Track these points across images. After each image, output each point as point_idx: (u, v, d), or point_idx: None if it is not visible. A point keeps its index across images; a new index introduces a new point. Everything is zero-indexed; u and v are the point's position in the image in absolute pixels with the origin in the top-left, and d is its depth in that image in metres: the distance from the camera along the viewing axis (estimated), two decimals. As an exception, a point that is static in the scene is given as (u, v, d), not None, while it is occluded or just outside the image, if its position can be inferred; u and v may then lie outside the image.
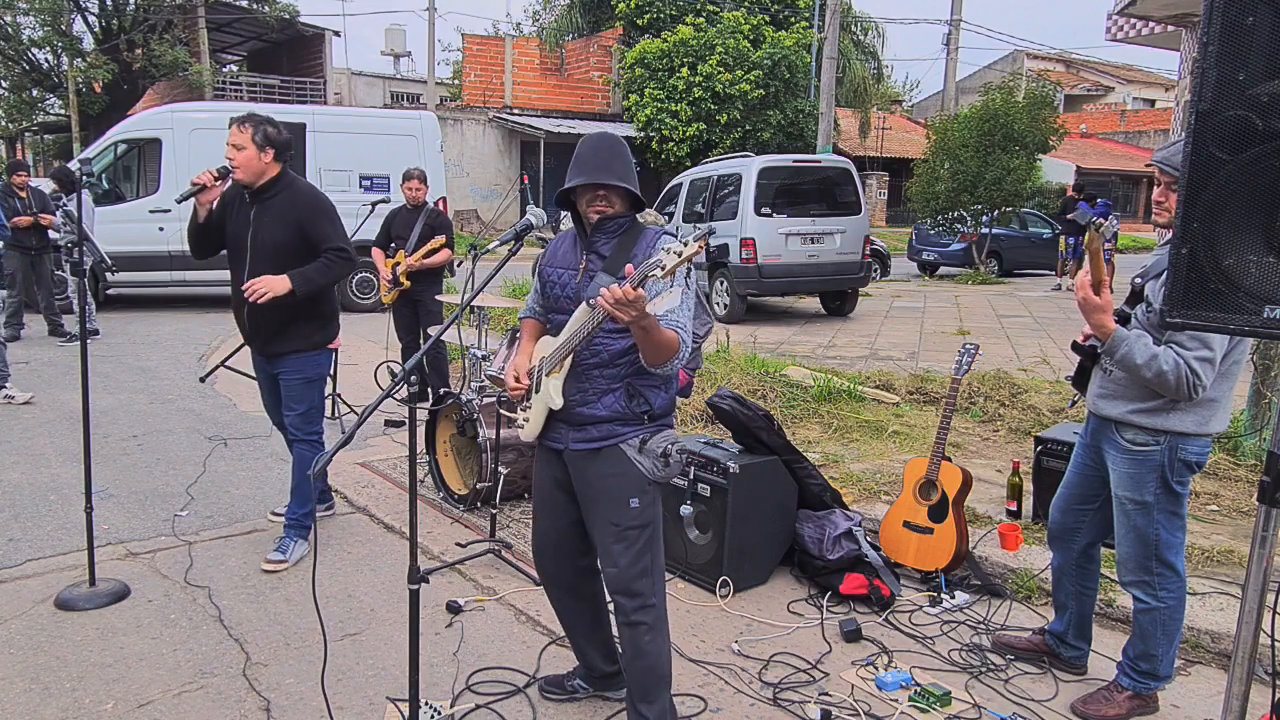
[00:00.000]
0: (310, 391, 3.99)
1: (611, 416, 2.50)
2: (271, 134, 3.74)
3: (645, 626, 2.54)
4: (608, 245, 2.53)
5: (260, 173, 3.75)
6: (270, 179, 3.79)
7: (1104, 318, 2.62)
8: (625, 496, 2.50)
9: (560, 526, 2.72)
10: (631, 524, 2.51)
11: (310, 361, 3.93)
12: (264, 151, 3.72)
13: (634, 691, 2.61)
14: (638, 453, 2.50)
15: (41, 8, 25.33)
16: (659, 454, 2.50)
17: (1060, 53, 44.26)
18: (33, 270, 9.28)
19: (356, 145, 11.83)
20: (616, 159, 2.51)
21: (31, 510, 4.53)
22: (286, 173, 3.86)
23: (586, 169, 2.49)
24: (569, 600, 2.83)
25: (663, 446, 2.51)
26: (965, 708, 2.95)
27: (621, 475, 2.51)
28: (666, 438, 2.54)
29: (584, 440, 2.53)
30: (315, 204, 3.84)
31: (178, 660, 3.14)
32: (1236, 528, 4.23)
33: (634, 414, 2.50)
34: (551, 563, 2.79)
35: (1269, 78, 1.57)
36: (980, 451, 5.49)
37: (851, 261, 11.37)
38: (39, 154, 37.75)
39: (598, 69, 28.48)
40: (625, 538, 2.52)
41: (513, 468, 4.52)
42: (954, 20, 26.34)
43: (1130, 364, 2.61)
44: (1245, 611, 1.84)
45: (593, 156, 2.50)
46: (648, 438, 2.51)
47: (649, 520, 2.54)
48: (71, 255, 9.85)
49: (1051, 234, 17.53)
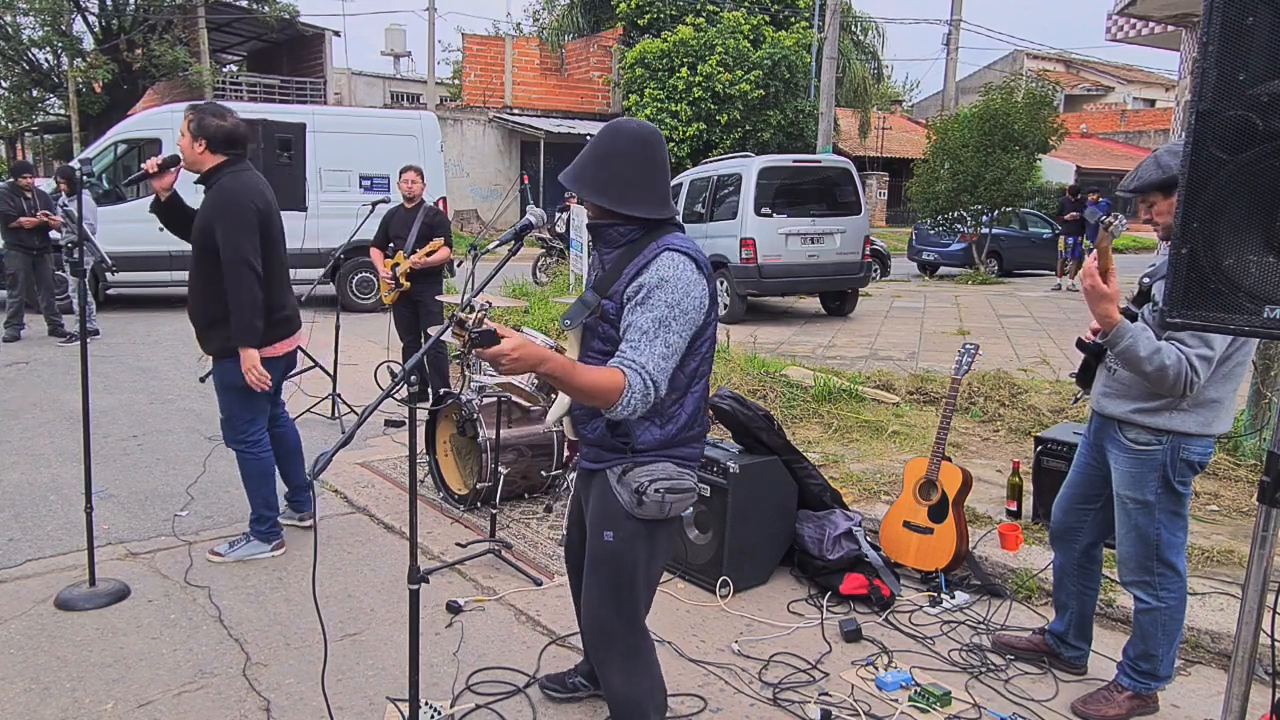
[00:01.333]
0: (226, 398, 3.86)
1: (599, 442, 2.32)
2: (209, 125, 3.64)
3: (614, 667, 2.39)
4: (609, 258, 2.31)
5: (196, 163, 3.71)
6: (208, 170, 3.72)
7: (1109, 306, 2.57)
8: (601, 527, 2.33)
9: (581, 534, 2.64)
10: (602, 555, 2.34)
11: (223, 367, 3.80)
12: (196, 141, 3.66)
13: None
14: (617, 482, 2.29)
15: (41, 8, 25.33)
16: (633, 489, 2.25)
17: (1060, 53, 44.31)
18: (34, 270, 9.29)
19: (356, 145, 11.84)
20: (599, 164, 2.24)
21: (31, 510, 4.53)
22: (225, 168, 3.71)
23: (568, 172, 2.29)
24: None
25: (639, 482, 2.25)
26: (965, 708, 2.95)
27: (600, 503, 2.34)
28: (650, 473, 2.26)
29: (587, 460, 2.41)
30: (222, 204, 3.66)
31: (178, 660, 3.14)
32: (1236, 528, 4.23)
33: (615, 445, 2.29)
34: (571, 562, 2.75)
35: (1269, 78, 1.57)
36: (980, 451, 5.49)
37: (851, 261, 11.37)
38: (39, 154, 37.75)
39: (598, 69, 28.48)
40: (595, 569, 2.36)
41: (513, 468, 4.52)
42: (954, 20, 26.35)
43: (1133, 356, 2.58)
44: (1245, 611, 1.84)
45: (583, 154, 2.28)
46: (630, 468, 2.27)
47: (622, 558, 2.31)
48: (72, 255, 9.87)
49: (1051, 234, 17.53)
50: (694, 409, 2.32)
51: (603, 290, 2.25)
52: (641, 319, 2.13)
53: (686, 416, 2.30)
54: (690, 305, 2.16)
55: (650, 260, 2.19)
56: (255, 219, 3.68)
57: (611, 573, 2.33)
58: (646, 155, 2.24)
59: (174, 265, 11.17)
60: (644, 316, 2.13)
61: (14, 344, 9.02)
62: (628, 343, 2.13)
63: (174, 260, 11.13)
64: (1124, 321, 2.59)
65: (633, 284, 2.18)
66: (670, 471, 2.28)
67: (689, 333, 2.19)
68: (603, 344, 2.26)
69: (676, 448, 2.31)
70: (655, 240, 2.23)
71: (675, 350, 2.16)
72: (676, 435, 2.29)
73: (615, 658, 2.38)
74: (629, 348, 2.11)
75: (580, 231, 9.04)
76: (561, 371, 2.02)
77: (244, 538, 4.04)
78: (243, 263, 3.62)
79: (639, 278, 2.17)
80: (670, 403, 2.26)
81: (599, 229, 2.31)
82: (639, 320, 2.13)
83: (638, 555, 2.32)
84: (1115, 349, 2.61)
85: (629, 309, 2.18)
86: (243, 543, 4.02)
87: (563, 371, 2.02)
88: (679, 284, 2.15)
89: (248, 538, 4.04)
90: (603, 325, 2.27)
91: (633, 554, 2.31)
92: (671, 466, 2.29)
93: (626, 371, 2.08)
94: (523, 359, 1.98)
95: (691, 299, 2.17)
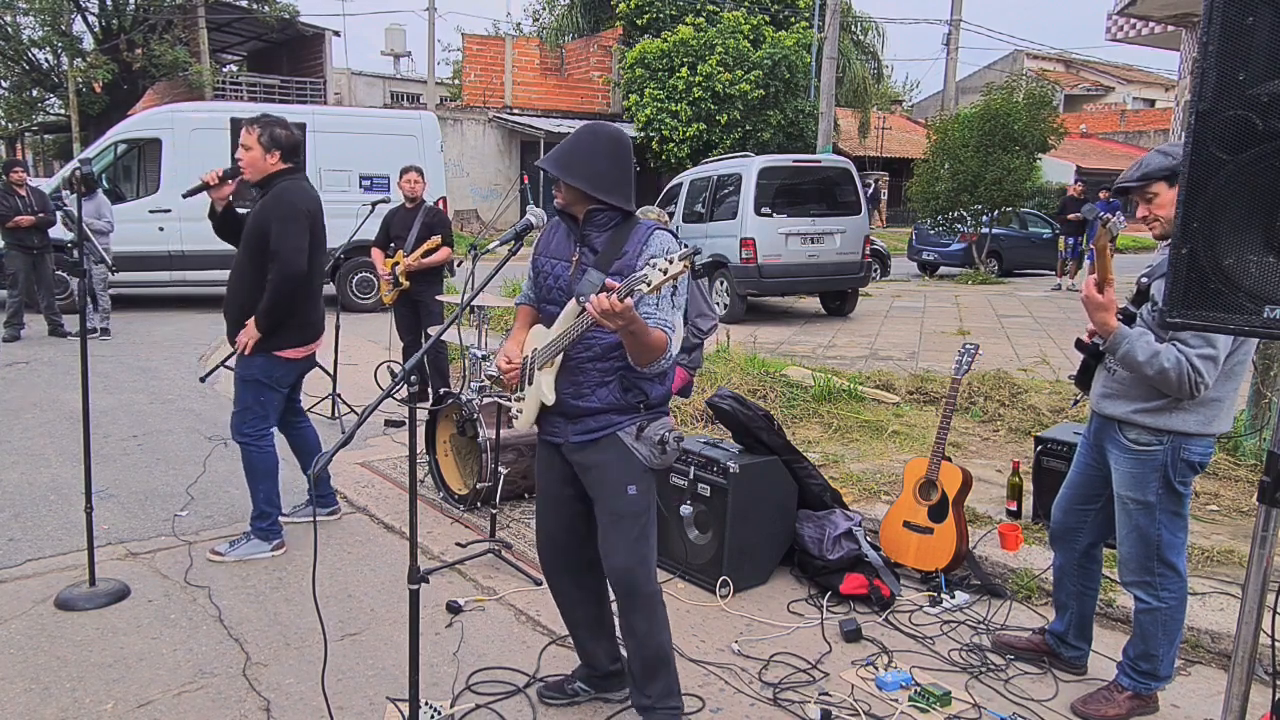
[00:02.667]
0: (245, 391, 3.96)
1: (607, 408, 2.52)
2: (279, 136, 3.86)
3: (642, 614, 2.59)
4: (600, 239, 2.53)
5: (263, 172, 3.87)
6: (268, 177, 3.87)
7: (1106, 316, 2.62)
8: (624, 483, 2.53)
9: (562, 520, 2.75)
10: (628, 510, 2.54)
11: (247, 361, 3.90)
12: (270, 154, 3.85)
13: (636, 676, 2.66)
14: (635, 440, 2.52)
15: (41, 8, 25.30)
16: (655, 441, 2.52)
17: (1060, 53, 44.29)
18: (34, 270, 9.28)
19: (356, 145, 11.83)
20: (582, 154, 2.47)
21: (31, 510, 4.53)
22: (285, 174, 3.91)
23: (550, 158, 2.50)
24: (573, 593, 2.83)
25: (660, 434, 2.52)
26: (965, 708, 2.95)
27: (619, 462, 2.53)
28: (663, 425, 2.56)
29: (582, 432, 2.56)
30: (276, 204, 3.83)
31: (178, 660, 3.14)
32: (1236, 528, 4.23)
33: (629, 404, 2.52)
34: (554, 556, 2.80)
35: (1269, 78, 1.57)
36: (980, 451, 5.49)
37: (851, 261, 11.37)
38: (39, 154, 37.75)
39: (598, 69, 28.48)
40: (621, 525, 2.55)
41: (513, 468, 4.52)
42: (954, 20, 26.35)
43: (1132, 361, 2.61)
44: (1245, 611, 1.84)
45: (564, 145, 2.51)
46: (644, 425, 2.53)
47: (645, 507, 2.57)
48: (73, 255, 9.87)
49: (1051, 234, 17.53)
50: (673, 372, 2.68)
51: (605, 266, 2.46)
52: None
53: (671, 375, 2.64)
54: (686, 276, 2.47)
55: (647, 237, 2.48)
56: (306, 221, 3.87)
57: (636, 525, 2.56)
58: (622, 154, 2.52)
59: (174, 265, 11.19)
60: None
61: (14, 344, 9.02)
62: (656, 309, 2.41)
63: (174, 260, 11.15)
64: (1122, 328, 2.61)
65: (643, 257, 2.42)
66: (670, 424, 2.61)
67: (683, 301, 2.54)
68: None
69: (667, 403, 2.67)
70: (636, 224, 2.53)
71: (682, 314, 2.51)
72: (667, 391, 2.64)
73: (643, 605, 2.60)
74: (658, 312, 2.41)
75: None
76: (642, 330, 2.30)
77: (245, 537, 4.05)
78: (290, 254, 3.81)
79: (647, 251, 2.44)
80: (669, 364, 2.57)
81: (591, 214, 2.52)
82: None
83: (651, 504, 2.61)
84: (1115, 355, 2.65)
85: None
86: (243, 542, 4.03)
87: (642, 330, 2.30)
88: None
89: (248, 536, 4.05)
90: None
91: (649, 504, 2.60)
92: (668, 419, 2.63)
93: (665, 331, 2.41)
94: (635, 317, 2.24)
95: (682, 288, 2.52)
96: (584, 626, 2.88)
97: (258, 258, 3.83)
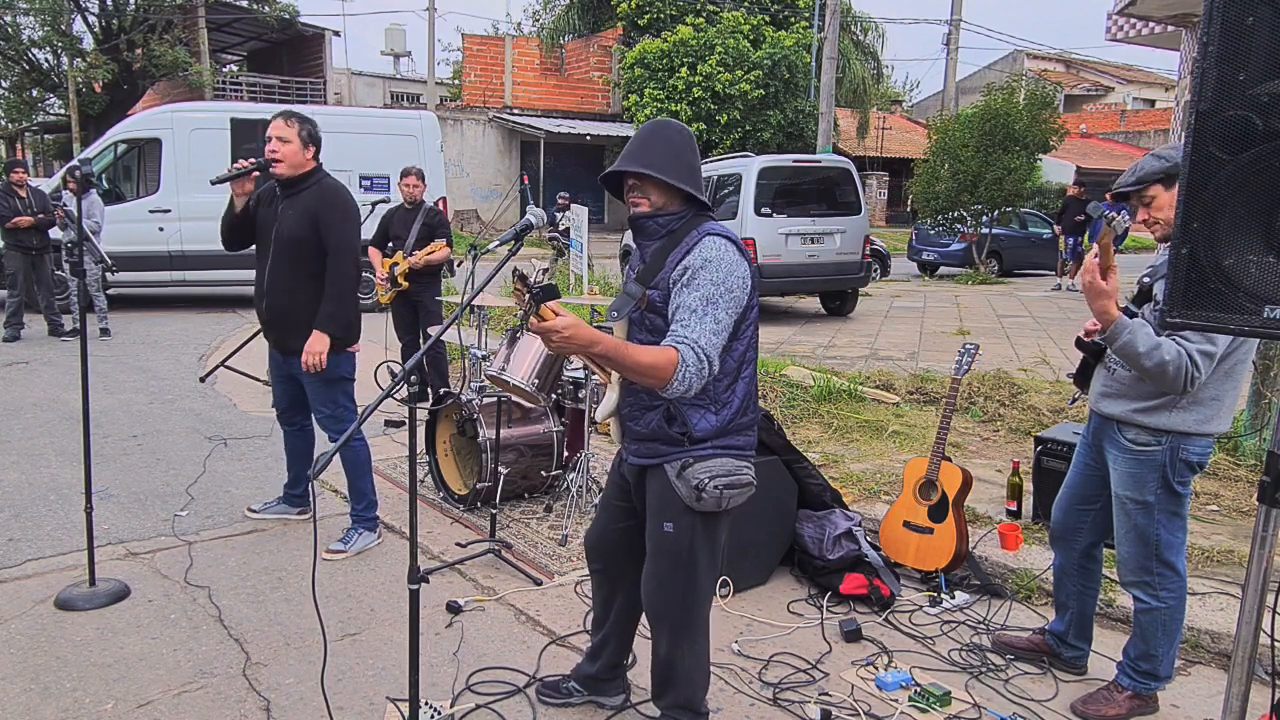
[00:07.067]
0: (333, 393, 4.04)
1: (653, 435, 2.37)
2: (315, 132, 3.92)
3: (664, 635, 2.50)
4: (649, 250, 2.37)
5: (299, 167, 3.87)
6: (303, 174, 3.89)
7: (1108, 303, 2.57)
8: (661, 519, 2.40)
9: (612, 528, 2.67)
10: (663, 547, 2.41)
11: (331, 360, 3.91)
12: (307, 148, 3.87)
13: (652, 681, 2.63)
14: (676, 477, 2.35)
15: (41, 8, 25.30)
16: (693, 484, 2.32)
17: (1060, 53, 44.29)
18: (33, 270, 9.28)
19: (356, 145, 11.82)
20: (658, 147, 2.31)
21: (31, 510, 4.53)
22: (320, 169, 3.95)
23: (623, 156, 2.34)
24: (610, 585, 2.75)
25: (698, 479, 2.31)
26: (965, 708, 2.95)
27: (660, 497, 2.40)
28: (709, 469, 2.32)
29: (638, 455, 2.46)
30: (333, 200, 3.87)
31: (178, 660, 3.14)
32: (1236, 528, 4.23)
33: (673, 437, 2.33)
34: (598, 558, 2.75)
35: (1269, 78, 1.57)
36: (980, 451, 5.49)
37: (851, 261, 11.37)
38: (39, 154, 37.74)
39: (598, 69, 28.48)
40: (656, 559, 2.45)
41: (513, 468, 4.52)
42: (954, 20, 26.37)
43: (1132, 352, 2.57)
44: (1245, 611, 1.84)
45: (633, 143, 2.34)
46: (690, 463, 2.33)
47: (684, 547, 2.38)
48: (73, 255, 9.86)
49: (1051, 234, 17.53)
50: (745, 394, 2.38)
51: (646, 281, 2.30)
52: (689, 298, 2.21)
53: (739, 402, 2.36)
54: (735, 284, 2.24)
55: (693, 245, 2.26)
56: (357, 215, 3.91)
57: (669, 562, 2.41)
58: (688, 144, 2.36)
59: (174, 265, 11.19)
60: (691, 296, 2.20)
61: (14, 344, 9.02)
62: (677, 322, 2.19)
63: (174, 260, 11.15)
64: (1122, 318, 2.59)
65: (678, 268, 2.25)
66: (728, 467, 2.35)
67: (735, 312, 2.26)
68: (650, 335, 2.30)
69: (731, 435, 2.36)
70: (694, 228, 2.31)
71: (724, 327, 2.22)
72: (731, 421, 2.35)
73: (668, 630, 2.49)
74: (679, 326, 2.18)
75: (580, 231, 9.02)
76: (615, 352, 2.07)
77: (354, 531, 4.15)
78: (351, 251, 3.84)
79: (684, 261, 2.25)
80: (723, 389, 2.32)
81: (641, 222, 2.36)
82: (687, 300, 2.21)
83: (696, 545, 2.40)
84: (1114, 345, 2.60)
85: (675, 291, 2.24)
86: (355, 536, 4.13)
87: (615, 352, 2.07)
88: (723, 264, 2.24)
89: (357, 530, 4.14)
90: (649, 316, 2.32)
91: (691, 544, 2.39)
92: (729, 461, 2.35)
93: (679, 346, 2.14)
94: (573, 338, 2.03)
95: (735, 278, 2.25)
96: (598, 623, 2.84)
97: (308, 252, 3.82)
